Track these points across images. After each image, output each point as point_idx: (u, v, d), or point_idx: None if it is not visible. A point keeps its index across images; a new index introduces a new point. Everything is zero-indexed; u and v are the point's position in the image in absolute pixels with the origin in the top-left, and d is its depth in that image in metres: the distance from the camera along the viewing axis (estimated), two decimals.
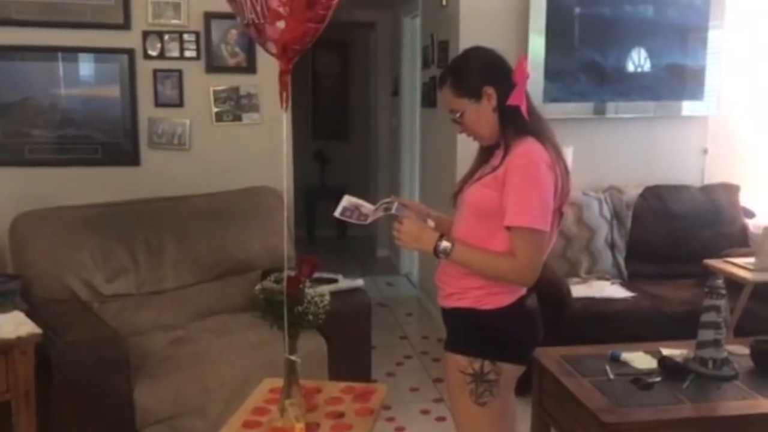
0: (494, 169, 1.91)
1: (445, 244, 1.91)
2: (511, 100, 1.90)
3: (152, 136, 3.83)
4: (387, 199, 2.05)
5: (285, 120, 1.96)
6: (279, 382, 2.14)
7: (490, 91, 1.94)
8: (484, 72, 1.96)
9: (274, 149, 3.97)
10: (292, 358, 2.00)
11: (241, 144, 3.94)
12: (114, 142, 3.78)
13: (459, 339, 1.99)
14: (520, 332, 1.98)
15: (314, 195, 7.31)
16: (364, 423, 2.00)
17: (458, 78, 1.98)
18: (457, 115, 1.99)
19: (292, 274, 1.99)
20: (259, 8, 1.69)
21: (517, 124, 1.92)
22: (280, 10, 1.65)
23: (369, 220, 2.01)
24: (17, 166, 3.62)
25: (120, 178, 3.76)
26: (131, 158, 3.80)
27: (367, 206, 2.01)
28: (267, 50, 1.84)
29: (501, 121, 1.94)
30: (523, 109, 1.91)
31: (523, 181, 1.84)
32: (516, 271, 1.86)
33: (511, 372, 1.96)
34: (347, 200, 2.00)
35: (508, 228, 1.85)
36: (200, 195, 3.70)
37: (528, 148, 1.88)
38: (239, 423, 2.00)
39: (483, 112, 1.95)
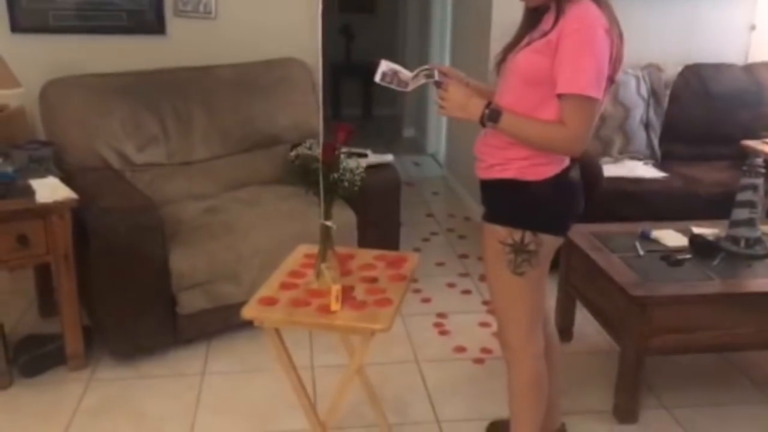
0: (545, 33, 1.81)
1: (493, 111, 1.85)
2: None
3: (178, 4, 3.71)
4: (426, 66, 1.97)
5: None
6: (313, 248, 2.17)
7: None
8: None
9: (302, 20, 3.86)
10: (328, 223, 2.01)
11: (268, 13, 3.82)
12: (139, 10, 3.67)
13: (500, 210, 1.97)
14: (563, 204, 1.95)
15: (339, 71, 7.16)
16: (397, 288, 2.03)
17: None
18: None
19: (327, 141, 1.96)
20: None
21: None
22: None
23: (410, 88, 1.94)
24: (42, 33, 3.55)
25: (146, 46, 3.68)
26: (157, 26, 3.70)
27: (405, 72, 1.94)
28: None
29: None
30: None
31: (579, 45, 1.75)
32: (566, 140, 1.80)
33: (551, 243, 1.95)
34: (385, 64, 1.92)
35: (560, 95, 1.79)
36: (226, 65, 3.63)
37: (584, 10, 1.77)
38: (277, 284, 2.04)
39: None
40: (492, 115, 1.84)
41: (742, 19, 4.35)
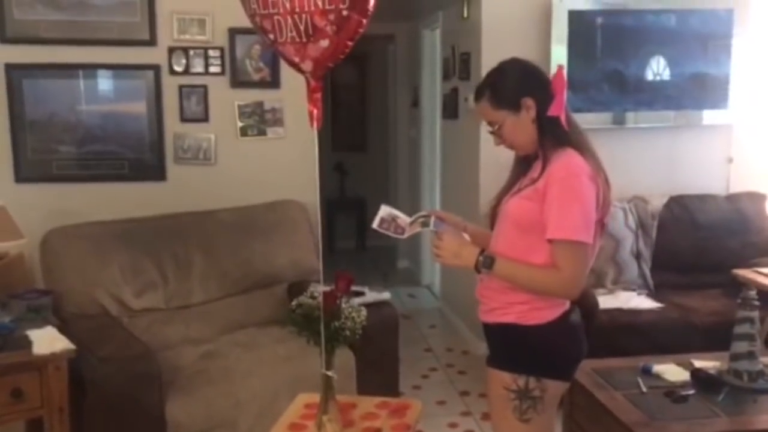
0: (534, 181, 1.90)
1: (486, 258, 1.89)
2: (551, 111, 1.89)
3: (178, 151, 3.86)
4: (423, 213, 2.04)
5: (314, 138, 1.96)
6: (313, 398, 2.14)
7: (529, 102, 1.93)
8: (523, 83, 1.95)
9: (299, 163, 3.99)
10: (329, 373, 2.00)
11: (265, 158, 3.96)
12: (140, 158, 3.80)
13: (503, 355, 1.98)
14: (566, 348, 1.96)
15: (334, 207, 7.33)
16: None
17: (496, 90, 1.98)
18: (496, 127, 1.98)
19: (328, 289, 1.99)
20: (302, 27, 1.70)
21: (556, 134, 1.91)
22: (327, 29, 1.66)
23: (406, 235, 2.00)
24: (46, 182, 3.66)
25: (146, 193, 3.78)
26: (158, 173, 3.82)
27: (403, 218, 2.00)
28: (300, 69, 1.85)
29: (540, 131, 1.93)
30: (563, 119, 1.90)
31: (565, 193, 1.83)
32: (561, 284, 1.85)
33: (556, 389, 1.94)
34: (384, 210, 1.99)
35: (551, 241, 1.84)
36: (226, 209, 3.72)
37: (568, 159, 1.87)
38: None
39: (522, 124, 1.94)
40: (486, 262, 1.90)
41: (720, 152, 4.54)
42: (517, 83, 1.96)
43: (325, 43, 1.69)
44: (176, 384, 2.87)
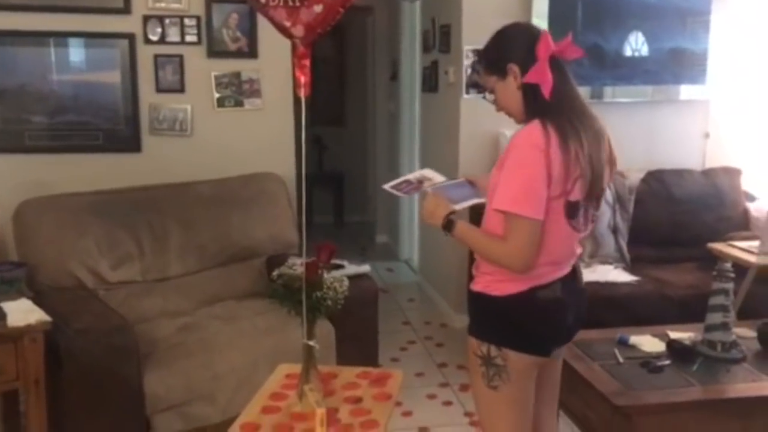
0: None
1: (449, 222, 1.93)
2: (527, 78, 1.86)
3: (153, 122, 3.79)
4: (459, 179, 2.13)
5: (302, 106, 1.94)
6: (294, 368, 2.14)
7: (514, 68, 1.90)
8: (507, 49, 1.92)
9: (276, 135, 3.96)
10: (311, 343, 1.99)
11: (243, 130, 3.92)
12: (115, 129, 3.74)
13: (472, 321, 2.02)
14: (528, 323, 1.93)
15: (312, 181, 7.27)
16: (383, 408, 2.00)
17: (486, 55, 1.98)
18: (489, 92, 1.98)
19: (309, 260, 1.98)
20: None
21: (536, 102, 1.87)
22: None
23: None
24: (17, 153, 3.58)
25: (121, 164, 3.72)
26: (132, 144, 3.76)
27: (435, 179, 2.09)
28: (290, 34, 1.81)
29: (524, 98, 1.90)
30: (546, 87, 1.84)
31: (510, 164, 1.83)
32: (506, 255, 1.84)
33: (520, 361, 1.92)
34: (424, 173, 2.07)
35: (495, 211, 1.85)
36: (203, 181, 3.67)
37: (525, 130, 1.85)
38: (258, 408, 2.00)
39: (509, 90, 1.92)
40: (447, 225, 1.94)
41: (697, 127, 4.58)
42: (502, 48, 1.93)
43: (319, 8, 1.66)
44: (154, 356, 2.85)
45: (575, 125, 1.85)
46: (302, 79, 1.80)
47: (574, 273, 2.05)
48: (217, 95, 3.86)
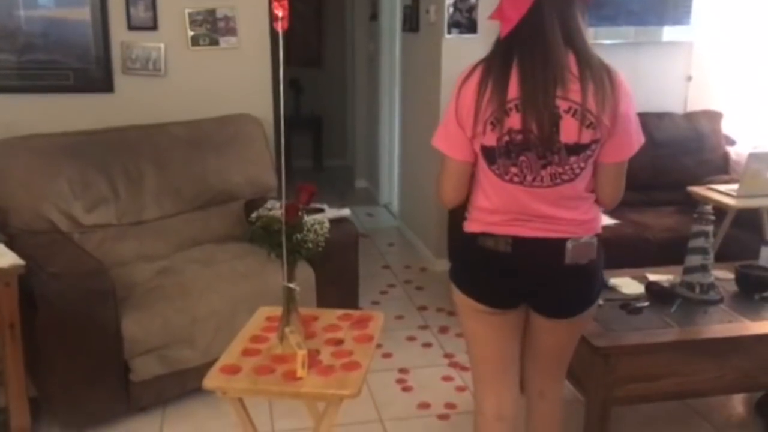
0: None
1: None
2: (491, 15, 1.79)
3: (126, 62, 3.67)
4: None
5: (280, 42, 1.85)
6: (275, 311, 2.12)
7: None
8: None
9: (253, 75, 3.86)
10: (291, 285, 1.96)
11: (218, 69, 3.81)
12: (85, 68, 3.62)
13: None
14: (466, 264, 1.93)
15: (289, 124, 7.15)
16: (364, 350, 1.99)
17: None
18: None
19: (289, 202, 1.93)
20: None
21: (496, 40, 1.79)
22: None
23: None
24: None
25: (93, 105, 3.62)
26: (104, 85, 3.65)
27: None
28: None
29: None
30: (506, 24, 1.71)
31: None
32: (435, 186, 1.92)
33: (459, 299, 1.93)
34: None
35: None
36: (178, 123, 3.58)
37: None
38: (239, 350, 1.98)
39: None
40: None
41: (680, 70, 4.54)
42: None
43: None
44: (131, 300, 2.81)
45: (525, 67, 1.70)
46: (279, 13, 1.72)
47: (553, 245, 1.81)
48: (191, 33, 3.73)
